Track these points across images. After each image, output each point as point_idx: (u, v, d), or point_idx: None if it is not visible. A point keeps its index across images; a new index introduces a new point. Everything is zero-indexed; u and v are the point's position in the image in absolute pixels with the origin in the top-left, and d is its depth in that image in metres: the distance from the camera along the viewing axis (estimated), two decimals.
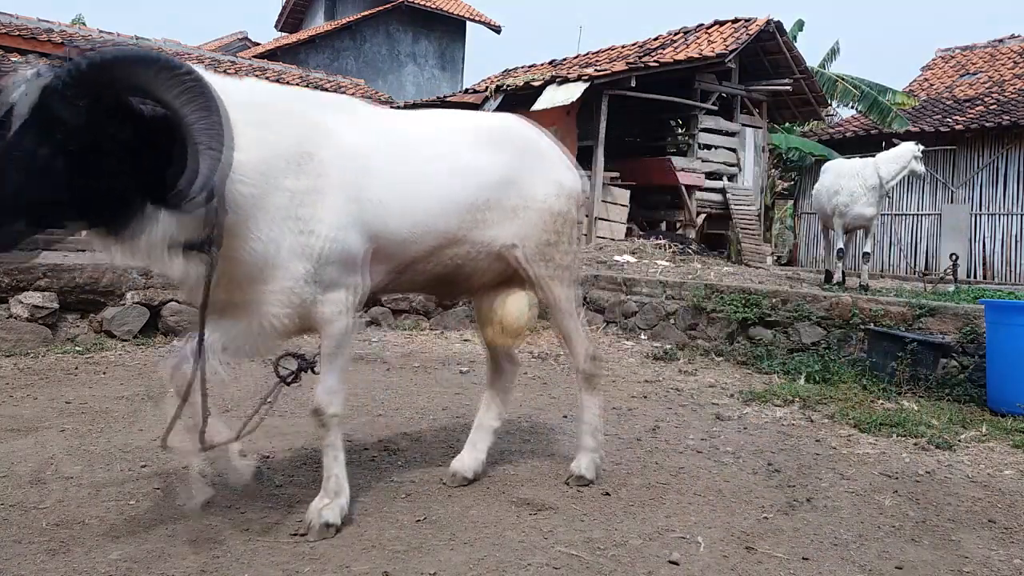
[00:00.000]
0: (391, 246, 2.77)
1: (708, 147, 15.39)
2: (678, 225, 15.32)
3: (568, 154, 3.39)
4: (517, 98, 14.28)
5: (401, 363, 6.05)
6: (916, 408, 5.11)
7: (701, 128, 15.17)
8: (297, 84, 18.88)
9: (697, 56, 14.35)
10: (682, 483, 3.50)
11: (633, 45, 17.45)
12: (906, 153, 9.22)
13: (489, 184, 2.99)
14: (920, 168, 9.26)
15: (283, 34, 28.55)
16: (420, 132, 2.99)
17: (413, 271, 2.91)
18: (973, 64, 20.42)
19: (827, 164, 10.32)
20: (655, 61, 13.88)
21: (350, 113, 2.83)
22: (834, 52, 20.94)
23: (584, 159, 13.80)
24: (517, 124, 3.30)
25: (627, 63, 14.05)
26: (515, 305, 3.31)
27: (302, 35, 25.62)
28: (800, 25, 19.73)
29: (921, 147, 9.46)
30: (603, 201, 13.79)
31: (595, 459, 3.40)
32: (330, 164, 2.60)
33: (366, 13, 24.80)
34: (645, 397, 5.33)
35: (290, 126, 2.58)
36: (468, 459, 3.38)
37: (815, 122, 20.20)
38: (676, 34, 16.72)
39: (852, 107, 18.42)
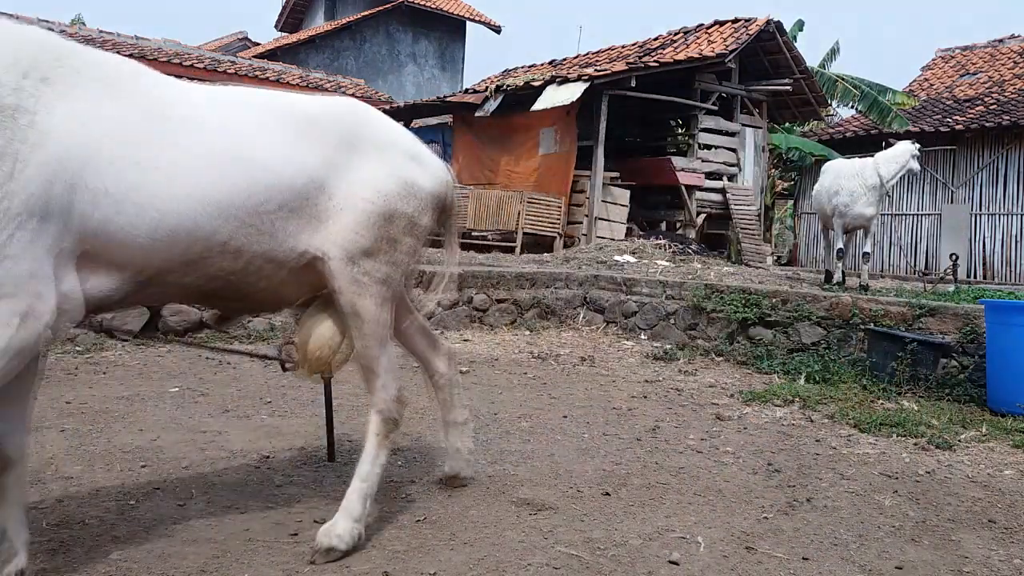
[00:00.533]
0: (125, 250, 2.17)
1: (708, 147, 15.39)
2: (678, 225, 15.33)
3: (425, 147, 2.86)
4: (517, 98, 14.29)
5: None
6: (916, 408, 5.11)
7: (701, 128, 15.17)
8: (297, 84, 18.91)
9: (697, 56, 14.36)
10: (682, 483, 3.50)
11: (633, 45, 17.46)
12: (904, 152, 9.24)
13: (289, 182, 2.42)
14: (916, 166, 9.32)
15: (283, 34, 28.59)
16: (201, 112, 2.37)
17: (167, 283, 2.33)
18: (973, 64, 20.42)
19: (827, 164, 10.32)
20: (655, 61, 13.89)
21: (107, 75, 2.23)
22: (834, 52, 20.96)
23: (584, 159, 13.82)
24: (346, 109, 2.70)
25: (627, 63, 14.05)
26: (322, 326, 2.71)
27: (302, 35, 25.65)
28: (800, 25, 19.74)
29: (918, 145, 9.47)
30: (603, 201, 13.80)
31: (355, 529, 2.58)
32: (51, 130, 2.03)
33: (366, 13, 24.82)
34: (645, 397, 5.33)
35: (4, 70, 2.02)
36: (458, 460, 3.26)
37: (815, 122, 20.21)
38: (676, 34, 16.73)
39: (852, 107, 18.43)
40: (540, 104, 13.31)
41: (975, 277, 15.57)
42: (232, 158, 2.34)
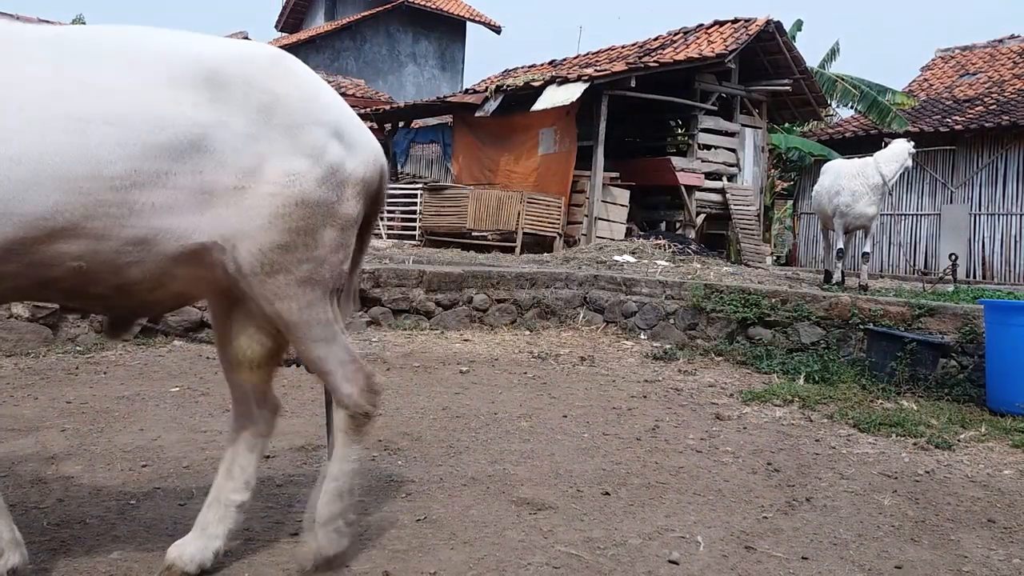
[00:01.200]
0: None
1: (708, 147, 15.41)
2: (678, 225, 15.35)
3: (356, 119, 2.34)
4: (517, 98, 14.30)
5: (401, 363, 6.05)
6: (915, 408, 5.12)
7: (701, 128, 15.19)
8: None
9: (697, 56, 14.37)
10: (682, 483, 3.51)
11: (633, 45, 17.48)
12: (902, 151, 9.27)
13: (160, 146, 1.93)
14: (911, 163, 9.38)
15: (283, 34, 28.60)
16: (43, 52, 1.92)
17: None
18: (973, 64, 20.44)
19: (827, 165, 10.34)
20: (655, 61, 13.90)
21: None
22: (834, 52, 20.98)
23: (584, 159, 13.83)
24: (265, 63, 2.15)
25: (627, 63, 14.07)
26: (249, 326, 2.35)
27: (302, 35, 25.66)
28: (799, 25, 19.78)
29: (913, 143, 9.50)
30: (603, 201, 13.82)
31: (337, 530, 2.38)
32: None
33: (366, 13, 24.84)
34: (645, 397, 5.34)
35: None
36: (192, 547, 2.33)
37: (815, 122, 20.24)
38: (676, 34, 16.75)
39: (852, 107, 18.47)
40: (540, 104, 13.33)
41: (974, 277, 15.59)
42: (72, 112, 1.87)
